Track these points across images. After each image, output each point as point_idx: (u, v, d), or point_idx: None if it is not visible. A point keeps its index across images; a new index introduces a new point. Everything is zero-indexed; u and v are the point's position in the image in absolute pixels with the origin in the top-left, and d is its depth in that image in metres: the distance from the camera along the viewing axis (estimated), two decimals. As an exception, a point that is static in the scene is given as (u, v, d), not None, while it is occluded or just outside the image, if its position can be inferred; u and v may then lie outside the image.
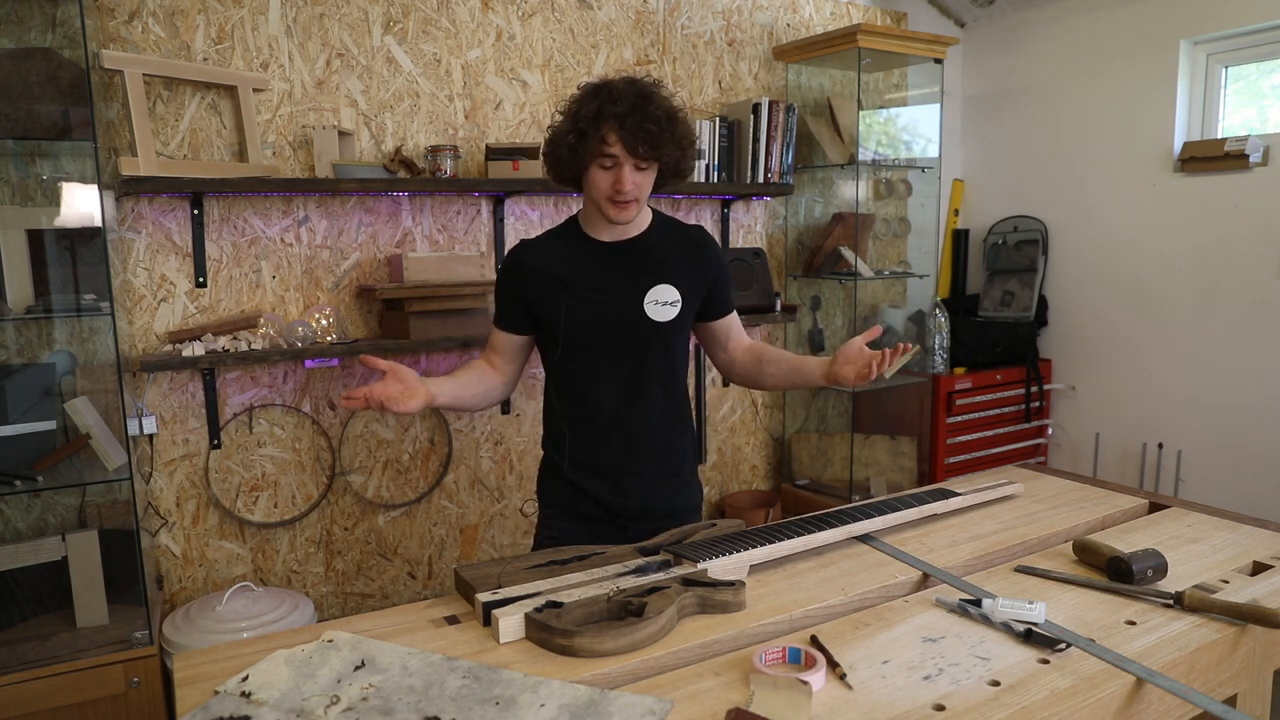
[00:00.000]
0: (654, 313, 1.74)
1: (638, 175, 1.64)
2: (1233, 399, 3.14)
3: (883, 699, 1.10)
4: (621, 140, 1.59)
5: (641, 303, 1.73)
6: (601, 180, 1.64)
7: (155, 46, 2.40)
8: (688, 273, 1.78)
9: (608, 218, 1.69)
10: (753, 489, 3.62)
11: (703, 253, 1.82)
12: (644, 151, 1.60)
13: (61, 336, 2.35)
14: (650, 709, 1.06)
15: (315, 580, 2.76)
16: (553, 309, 1.73)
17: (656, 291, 1.74)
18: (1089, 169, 3.52)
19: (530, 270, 1.75)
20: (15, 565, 2.18)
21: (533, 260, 1.76)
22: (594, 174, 1.65)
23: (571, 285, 1.73)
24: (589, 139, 1.60)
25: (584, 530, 1.77)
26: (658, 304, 1.74)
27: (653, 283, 1.74)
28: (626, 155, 1.61)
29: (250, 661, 1.20)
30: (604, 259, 1.75)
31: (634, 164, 1.62)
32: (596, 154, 1.61)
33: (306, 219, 2.65)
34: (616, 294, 1.73)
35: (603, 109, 1.59)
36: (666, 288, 1.75)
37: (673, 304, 1.75)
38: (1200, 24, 3.15)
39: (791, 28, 3.52)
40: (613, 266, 1.74)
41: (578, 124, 1.61)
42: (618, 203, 1.65)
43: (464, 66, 2.84)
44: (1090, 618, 1.32)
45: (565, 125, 1.65)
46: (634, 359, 1.75)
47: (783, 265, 3.60)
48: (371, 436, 2.81)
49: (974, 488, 1.88)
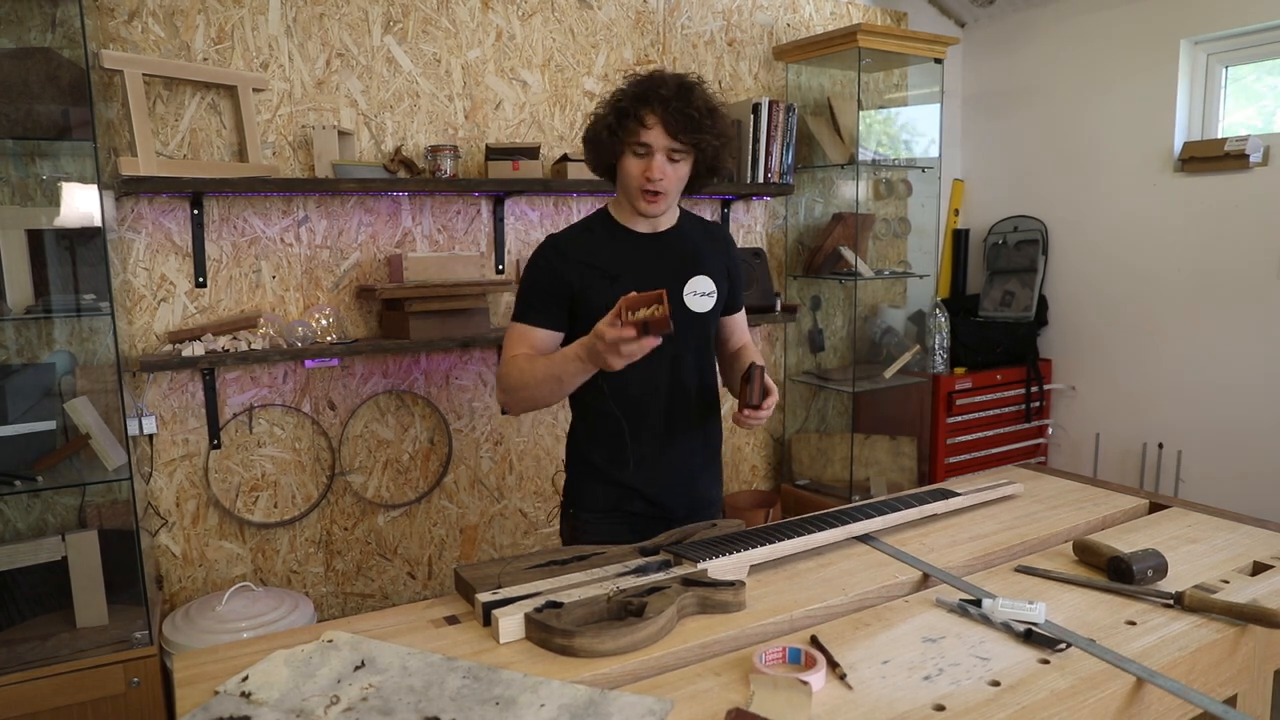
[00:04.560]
0: (693, 303, 1.74)
1: (669, 166, 1.62)
2: (1233, 399, 3.14)
3: (883, 699, 1.09)
4: (662, 122, 1.58)
5: (682, 293, 1.72)
6: (633, 168, 1.63)
7: (155, 46, 2.40)
8: (717, 265, 1.79)
9: (638, 209, 1.68)
10: (753, 489, 3.62)
11: (726, 247, 1.85)
12: (683, 137, 1.59)
13: (61, 336, 2.35)
14: (650, 709, 1.06)
15: (315, 580, 2.76)
16: (599, 301, 1.65)
17: (695, 282, 1.74)
18: (1089, 169, 3.52)
19: (571, 260, 1.69)
20: (15, 565, 2.18)
21: (571, 250, 1.70)
22: (627, 161, 1.63)
23: (618, 276, 1.68)
24: (628, 119, 1.59)
25: (628, 528, 1.75)
26: (697, 295, 1.74)
27: (691, 273, 1.74)
28: (664, 137, 1.59)
29: (250, 661, 1.20)
30: (643, 249, 1.73)
31: (669, 152, 1.61)
32: (633, 137, 1.60)
33: (306, 219, 2.65)
34: (661, 283, 1.68)
35: (646, 91, 1.59)
36: (704, 278, 1.75)
37: (709, 295, 1.76)
38: (1200, 24, 3.14)
39: (791, 28, 3.52)
40: (653, 256, 1.73)
41: (618, 104, 1.61)
42: (648, 192, 1.63)
43: (464, 66, 2.84)
44: (1090, 618, 1.32)
45: (607, 108, 1.64)
46: (675, 351, 1.73)
47: (783, 265, 3.60)
48: (371, 436, 2.81)
49: (974, 488, 1.88)
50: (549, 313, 1.70)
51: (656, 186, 1.62)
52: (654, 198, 1.64)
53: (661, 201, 1.66)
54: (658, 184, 1.62)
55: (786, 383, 3.65)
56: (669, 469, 1.77)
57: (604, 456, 1.76)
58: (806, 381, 3.61)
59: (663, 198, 1.65)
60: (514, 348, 1.69)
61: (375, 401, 2.80)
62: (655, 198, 1.65)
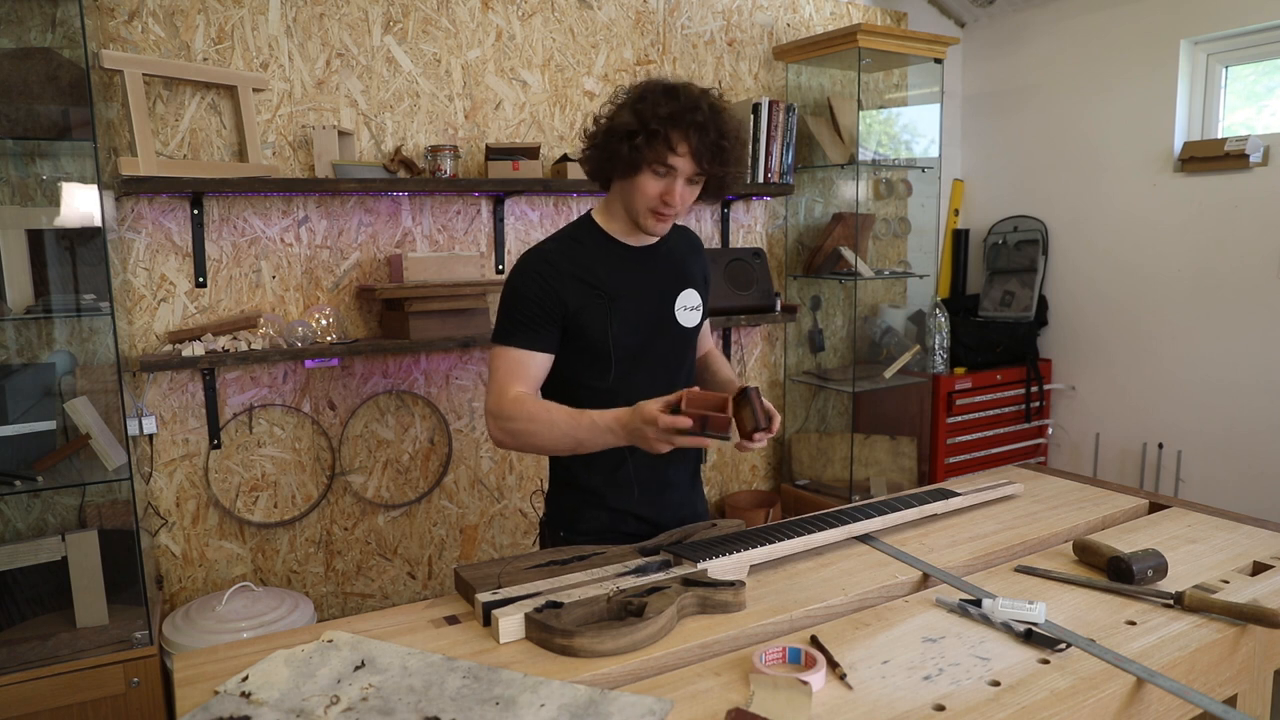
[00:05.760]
0: (683, 318, 1.71)
1: (687, 190, 1.56)
2: (1233, 399, 3.14)
3: (883, 699, 1.09)
4: (692, 150, 1.51)
5: (674, 309, 1.70)
6: (651, 188, 1.54)
7: (155, 46, 2.40)
8: (698, 275, 1.77)
9: (643, 228, 1.60)
10: (753, 489, 3.62)
11: (701, 255, 1.82)
12: (709, 166, 1.53)
13: (61, 336, 2.35)
14: (650, 709, 1.06)
15: (315, 580, 2.76)
16: (598, 323, 1.59)
17: (685, 296, 1.71)
18: (1089, 169, 3.52)
19: (566, 276, 1.58)
20: (15, 565, 2.18)
21: (566, 265, 1.60)
22: (644, 180, 1.54)
23: (614, 293, 1.61)
24: (657, 140, 1.50)
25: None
26: (685, 309, 1.71)
27: (680, 287, 1.71)
28: (691, 164, 1.52)
29: (250, 661, 1.20)
30: (636, 264, 1.66)
31: (690, 175, 1.54)
32: (659, 158, 1.52)
33: (306, 219, 2.65)
34: (655, 302, 1.67)
35: (679, 114, 1.49)
36: (691, 292, 1.72)
37: (696, 308, 1.73)
38: (1200, 24, 3.14)
39: (791, 28, 3.52)
40: (645, 271, 1.67)
41: (648, 124, 1.50)
42: (660, 214, 1.57)
43: (464, 66, 2.84)
44: (1090, 618, 1.32)
45: (630, 120, 1.52)
46: (669, 367, 1.70)
47: (783, 265, 3.60)
48: (371, 436, 2.81)
49: (974, 488, 1.88)
50: (542, 334, 1.57)
51: (674, 210, 1.57)
52: (665, 219, 1.59)
53: (670, 222, 1.62)
54: (676, 208, 1.57)
55: (786, 383, 3.65)
56: (664, 488, 1.74)
57: (601, 480, 1.69)
58: (806, 381, 3.61)
59: (673, 220, 1.61)
60: (507, 379, 1.55)
61: (375, 401, 2.80)
62: (666, 219, 1.59)
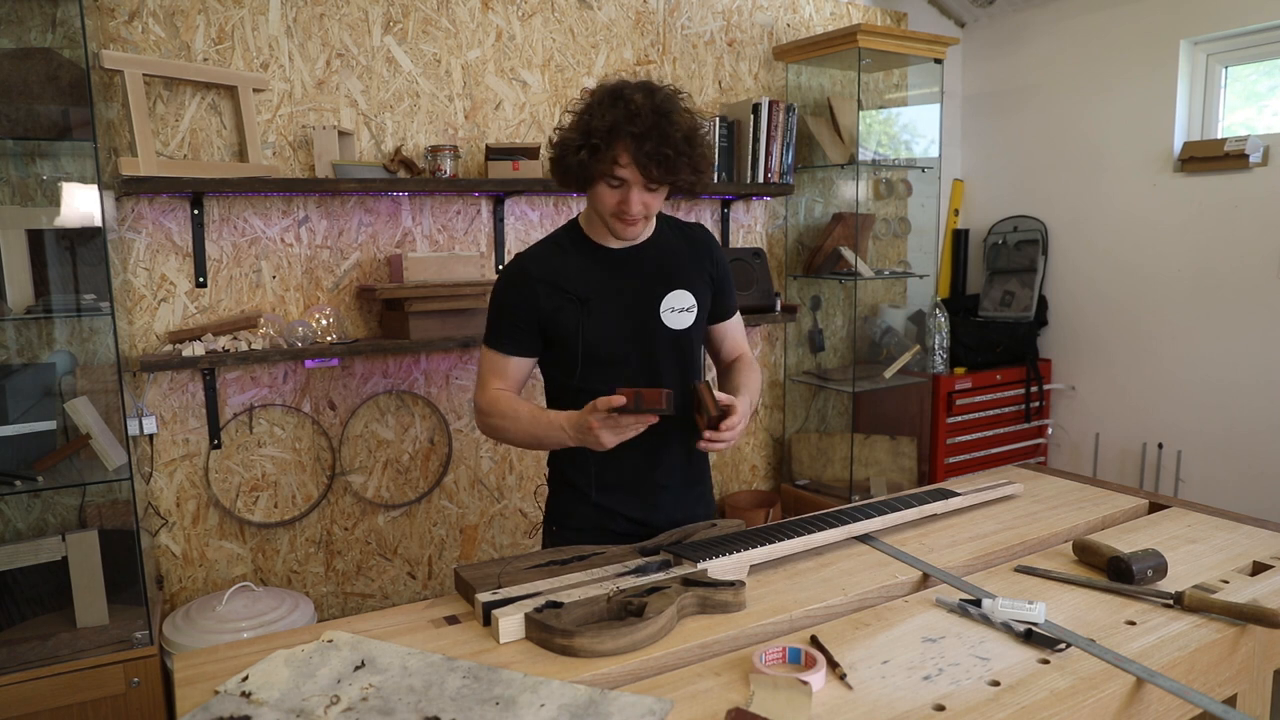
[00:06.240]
0: (671, 320, 1.68)
1: (647, 195, 1.54)
2: (1233, 399, 3.14)
3: (883, 699, 1.10)
4: (635, 162, 1.48)
5: (658, 311, 1.67)
6: (608, 198, 1.54)
7: (155, 46, 2.40)
8: (698, 275, 1.73)
9: (613, 233, 1.60)
10: (753, 489, 3.62)
11: (709, 253, 1.77)
12: (657, 175, 1.50)
13: (61, 336, 2.35)
14: (650, 709, 1.06)
15: (315, 580, 2.76)
16: (569, 326, 1.62)
17: (673, 298, 1.68)
18: (1089, 169, 3.52)
19: (539, 284, 1.62)
20: (15, 565, 2.18)
21: (540, 273, 1.63)
22: (600, 190, 1.55)
23: (587, 298, 1.62)
24: (600, 154, 1.49)
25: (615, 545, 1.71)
26: (674, 311, 1.68)
27: (668, 289, 1.68)
28: (638, 177, 1.50)
29: (250, 661, 1.20)
30: (616, 267, 1.65)
31: (644, 184, 1.52)
32: (606, 171, 1.50)
33: (306, 219, 2.65)
34: (634, 304, 1.65)
35: (618, 125, 1.46)
36: (682, 293, 1.69)
37: (689, 310, 1.70)
38: (1200, 24, 3.14)
39: (791, 28, 3.52)
40: (626, 275, 1.66)
41: (590, 138, 1.49)
42: (624, 220, 1.56)
43: (464, 66, 2.84)
44: (1090, 618, 1.32)
45: (576, 135, 1.52)
46: (654, 370, 1.67)
47: (783, 265, 3.60)
48: (371, 436, 2.81)
49: (974, 488, 1.88)
50: (519, 339, 1.65)
51: (633, 217, 1.55)
52: (631, 224, 1.57)
53: (639, 227, 1.59)
54: (635, 215, 1.54)
55: (786, 382, 3.65)
56: (651, 490, 1.72)
57: (584, 477, 1.70)
58: (806, 381, 3.61)
59: (641, 223, 1.58)
60: (489, 377, 1.67)
61: (375, 401, 2.80)
62: (633, 224, 1.57)
